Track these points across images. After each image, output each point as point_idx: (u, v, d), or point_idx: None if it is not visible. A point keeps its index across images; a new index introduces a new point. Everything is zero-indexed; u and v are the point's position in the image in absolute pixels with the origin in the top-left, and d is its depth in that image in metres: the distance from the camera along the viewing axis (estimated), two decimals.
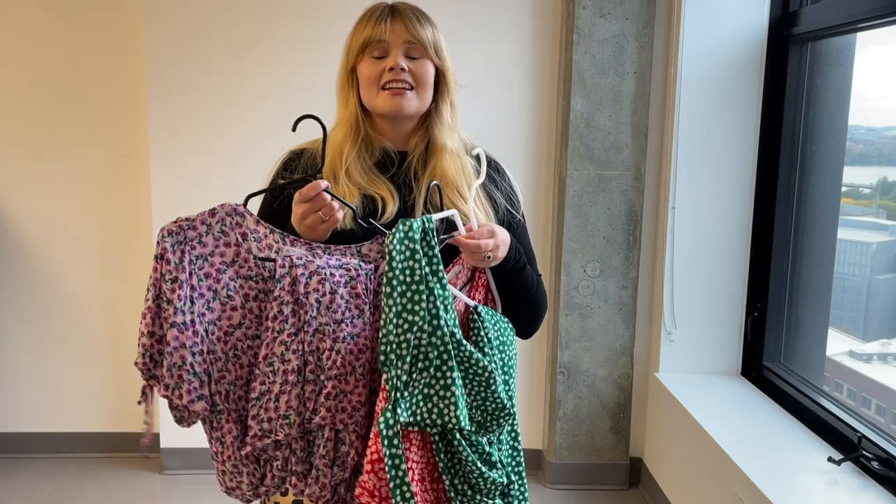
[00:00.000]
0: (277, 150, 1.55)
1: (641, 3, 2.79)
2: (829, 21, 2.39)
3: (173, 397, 1.22)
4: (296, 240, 1.30)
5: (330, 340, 1.25)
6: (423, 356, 1.21)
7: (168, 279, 1.22)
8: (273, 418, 1.25)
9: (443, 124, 1.45)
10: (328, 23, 2.87)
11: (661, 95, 2.88)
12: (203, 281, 1.25)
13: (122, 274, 3.14)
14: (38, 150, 3.06)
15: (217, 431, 1.29)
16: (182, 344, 1.21)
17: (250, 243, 1.28)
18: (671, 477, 2.80)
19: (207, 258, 1.26)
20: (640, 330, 3.00)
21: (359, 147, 1.43)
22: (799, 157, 2.61)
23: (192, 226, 1.26)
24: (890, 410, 2.35)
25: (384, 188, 1.41)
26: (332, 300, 1.25)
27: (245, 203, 1.31)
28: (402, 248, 1.19)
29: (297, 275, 1.25)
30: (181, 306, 1.21)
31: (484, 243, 1.29)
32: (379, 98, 1.40)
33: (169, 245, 1.23)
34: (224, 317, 1.27)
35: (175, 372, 1.21)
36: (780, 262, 2.68)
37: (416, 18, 1.40)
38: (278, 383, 1.25)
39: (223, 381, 1.28)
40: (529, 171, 3.00)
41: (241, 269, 1.28)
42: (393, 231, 1.20)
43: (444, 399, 1.21)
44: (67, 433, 3.22)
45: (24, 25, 2.99)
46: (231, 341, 1.28)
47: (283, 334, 1.25)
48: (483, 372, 1.24)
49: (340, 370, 1.25)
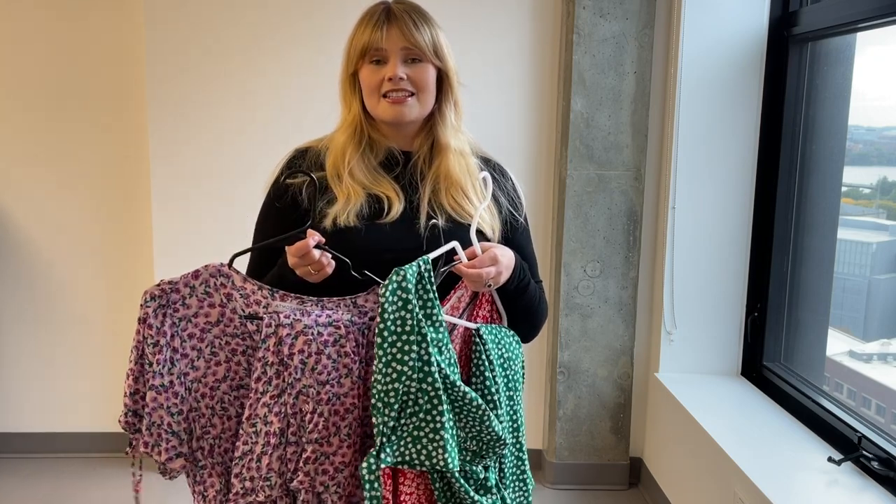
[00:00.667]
0: (278, 149, 1.55)
1: (641, 3, 2.79)
2: (829, 21, 2.39)
3: (153, 454, 1.27)
4: (286, 294, 1.30)
5: (313, 402, 1.25)
6: (413, 402, 1.23)
7: (150, 343, 1.26)
8: (255, 478, 1.26)
9: (446, 125, 1.44)
10: (328, 22, 2.87)
11: (661, 95, 2.88)
12: (187, 341, 1.28)
13: (122, 274, 3.14)
14: (37, 150, 3.06)
15: (199, 485, 1.33)
16: (160, 405, 1.26)
17: (235, 302, 1.29)
18: (671, 477, 2.80)
19: (191, 319, 1.28)
20: (640, 330, 3.00)
21: (362, 149, 1.43)
22: (799, 157, 2.61)
23: (175, 289, 1.28)
24: (890, 410, 2.35)
25: (389, 187, 1.41)
26: (317, 361, 1.24)
27: (231, 262, 1.30)
28: (395, 300, 1.20)
29: (282, 335, 1.25)
30: (160, 369, 1.25)
31: (486, 272, 1.29)
32: (380, 106, 1.40)
33: (151, 310, 1.26)
34: (209, 373, 1.29)
35: (154, 431, 1.26)
36: (780, 262, 2.68)
37: (414, 21, 1.38)
38: (260, 444, 1.26)
39: (207, 437, 1.30)
40: (529, 171, 3.00)
41: (226, 328, 1.29)
42: (386, 282, 1.20)
43: (432, 441, 1.23)
44: (67, 433, 3.22)
45: (24, 25, 2.99)
46: (217, 395, 1.30)
47: (265, 396, 1.26)
48: (477, 410, 1.26)
49: (322, 433, 1.25)
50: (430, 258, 1.25)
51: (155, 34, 2.87)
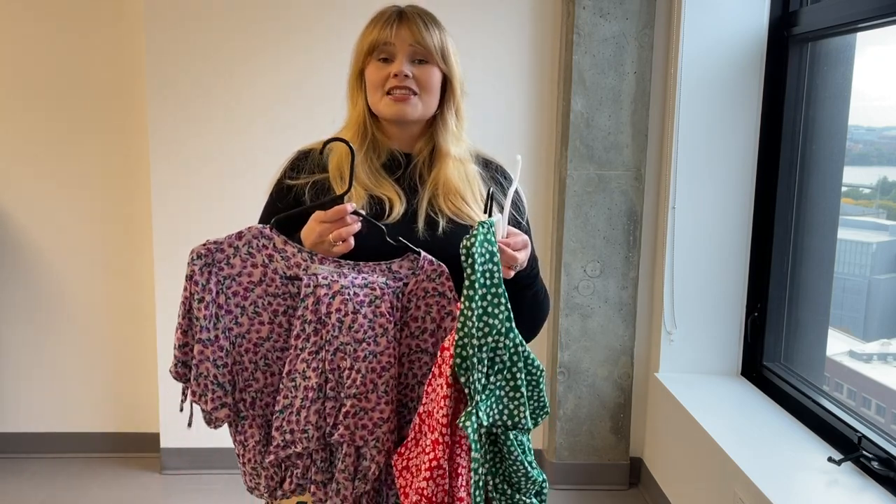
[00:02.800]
0: (278, 149, 1.55)
1: (641, 3, 2.79)
2: (829, 21, 2.39)
3: (200, 403, 1.33)
4: (324, 258, 1.33)
5: (350, 359, 1.29)
6: (499, 359, 1.22)
7: (196, 299, 1.31)
8: (294, 430, 1.32)
9: (447, 132, 1.44)
10: (329, 23, 2.87)
11: (661, 95, 2.88)
12: (231, 299, 1.33)
13: (123, 274, 3.14)
14: (38, 149, 3.06)
15: (241, 435, 1.37)
16: (206, 357, 1.31)
17: (277, 263, 1.33)
18: (671, 477, 2.80)
19: (235, 278, 1.33)
20: (640, 330, 3.00)
21: (366, 148, 1.44)
22: (799, 157, 2.61)
23: (220, 248, 1.33)
24: (890, 410, 2.35)
25: (391, 189, 1.41)
26: (353, 320, 1.29)
27: (273, 225, 1.34)
28: (483, 251, 1.18)
29: (320, 295, 1.29)
30: (206, 324, 1.31)
31: (520, 257, 1.30)
32: (383, 103, 1.40)
33: (198, 268, 1.31)
34: (253, 330, 1.34)
35: (201, 381, 1.32)
36: (780, 262, 2.68)
37: (424, 23, 1.40)
38: (299, 398, 1.31)
39: (249, 390, 1.35)
40: (529, 171, 3.00)
41: (268, 288, 1.34)
42: (473, 233, 1.18)
43: (514, 400, 1.23)
44: (67, 433, 3.22)
45: (24, 25, 2.99)
46: (261, 352, 1.35)
47: (304, 352, 1.31)
48: (536, 371, 1.26)
49: (360, 388, 1.29)
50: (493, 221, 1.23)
51: (155, 34, 2.87)
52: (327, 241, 1.30)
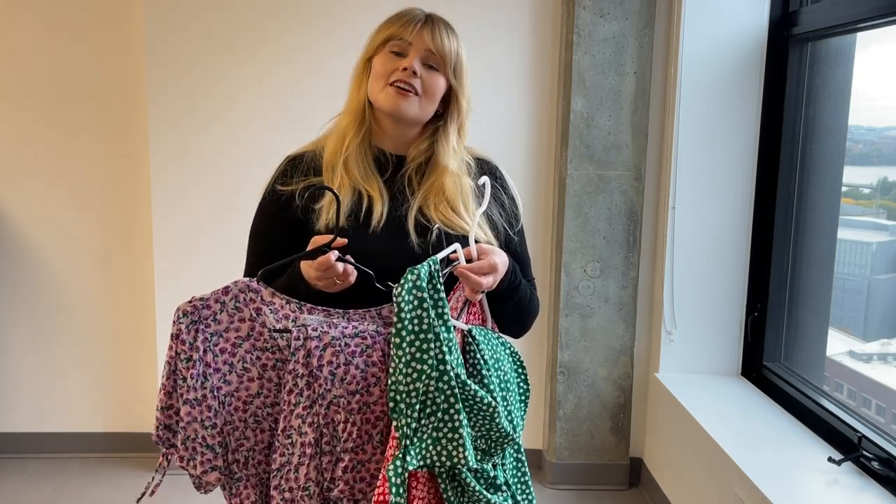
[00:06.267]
0: (278, 149, 1.55)
1: (641, 3, 2.79)
2: (829, 21, 2.39)
3: (188, 468, 1.30)
4: (313, 308, 1.31)
5: (344, 412, 1.28)
6: (431, 402, 1.23)
7: (183, 358, 1.27)
8: (294, 488, 1.29)
9: (448, 146, 1.44)
10: (330, 25, 2.87)
11: (661, 95, 2.88)
12: (219, 356, 1.30)
13: (122, 274, 3.14)
14: (38, 149, 3.06)
15: (236, 498, 1.34)
16: (195, 418, 1.27)
17: (265, 317, 1.31)
18: (671, 477, 2.80)
19: (222, 334, 1.30)
20: (640, 330, 3.00)
21: (362, 137, 1.43)
22: (799, 156, 2.61)
23: (207, 305, 1.29)
24: (890, 410, 2.35)
25: (375, 188, 1.41)
26: (346, 371, 1.27)
27: (260, 278, 1.31)
28: (411, 298, 1.21)
29: (310, 347, 1.27)
30: (193, 384, 1.27)
31: (485, 281, 1.30)
32: (384, 93, 1.39)
33: (184, 326, 1.27)
34: (242, 388, 1.31)
35: (189, 445, 1.29)
36: (780, 262, 2.68)
37: (446, 32, 1.41)
38: (296, 455, 1.29)
39: (241, 449, 1.32)
40: (529, 171, 3.00)
41: (256, 342, 1.31)
42: (402, 282, 1.21)
43: (452, 441, 1.24)
44: (67, 433, 3.22)
45: (25, 25, 2.99)
46: (251, 409, 1.32)
47: (298, 407, 1.29)
48: (487, 408, 1.27)
49: (356, 441, 1.28)
50: (438, 259, 1.25)
51: (155, 34, 2.87)
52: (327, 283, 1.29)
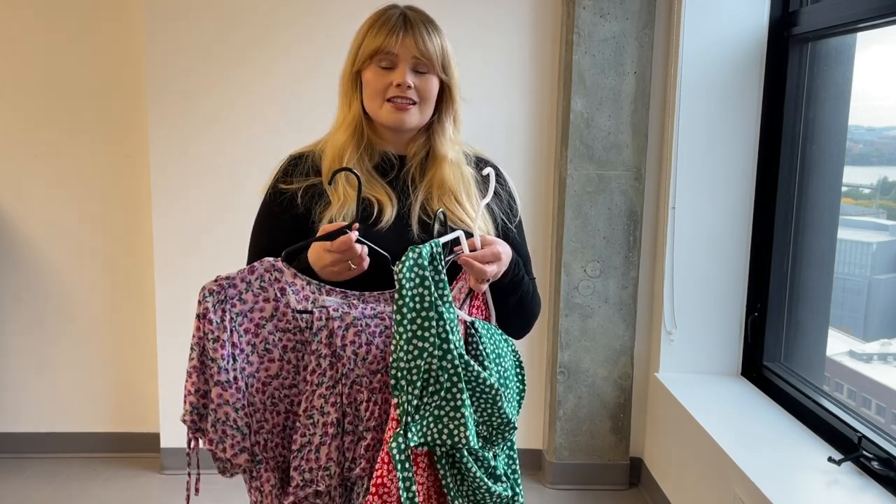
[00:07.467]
0: (278, 149, 1.55)
1: (641, 3, 2.79)
2: (829, 21, 2.39)
3: (217, 451, 1.27)
4: (331, 289, 1.32)
5: (367, 392, 1.29)
6: (434, 380, 1.23)
7: (211, 339, 1.26)
8: (314, 468, 1.29)
9: (445, 137, 1.45)
10: (330, 24, 2.87)
11: (661, 95, 2.88)
12: (242, 336, 1.29)
13: (122, 273, 3.14)
14: (38, 149, 3.06)
15: (256, 481, 1.33)
16: (226, 401, 1.26)
17: (288, 297, 1.31)
18: (671, 477, 2.80)
19: (247, 314, 1.29)
20: (640, 330, 3.00)
21: (361, 151, 1.44)
22: (799, 157, 2.61)
23: (233, 284, 1.28)
24: (890, 410, 2.35)
25: (382, 192, 1.41)
26: (368, 351, 1.29)
27: (284, 258, 1.32)
28: (412, 276, 1.21)
29: (333, 327, 1.28)
30: (224, 365, 1.26)
31: (490, 270, 1.30)
32: (383, 110, 1.40)
33: (210, 305, 1.26)
34: (262, 368, 1.31)
35: (219, 427, 1.27)
36: (780, 262, 2.67)
37: (427, 31, 1.40)
38: (318, 435, 1.29)
39: (262, 431, 1.32)
40: (529, 171, 3.00)
41: (279, 323, 1.31)
42: (403, 259, 1.21)
43: (454, 420, 1.24)
44: (67, 433, 3.22)
45: (25, 25, 2.99)
46: (269, 391, 1.32)
47: (321, 387, 1.29)
48: (490, 390, 1.27)
49: (378, 420, 1.29)
50: (441, 242, 1.26)
51: (155, 34, 2.87)
52: (342, 266, 1.30)
